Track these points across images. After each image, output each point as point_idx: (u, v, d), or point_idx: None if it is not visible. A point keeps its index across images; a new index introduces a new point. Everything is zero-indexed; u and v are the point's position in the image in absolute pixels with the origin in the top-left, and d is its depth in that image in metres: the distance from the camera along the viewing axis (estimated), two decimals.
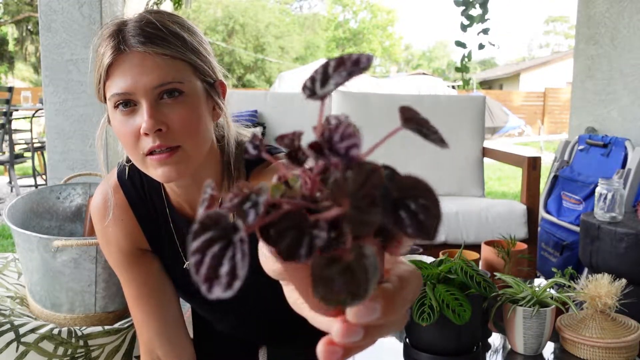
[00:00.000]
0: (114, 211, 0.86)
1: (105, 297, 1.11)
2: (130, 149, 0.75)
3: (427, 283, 1.00)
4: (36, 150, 4.85)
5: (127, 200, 0.87)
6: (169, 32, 0.74)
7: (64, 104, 2.40)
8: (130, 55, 0.72)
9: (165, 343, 0.90)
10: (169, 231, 0.88)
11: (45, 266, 1.07)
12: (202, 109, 0.76)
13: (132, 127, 0.73)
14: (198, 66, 0.76)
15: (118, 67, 0.72)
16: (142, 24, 0.73)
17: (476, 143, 2.59)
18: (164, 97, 0.73)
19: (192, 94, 0.75)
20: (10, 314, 1.06)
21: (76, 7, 2.37)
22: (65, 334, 1.03)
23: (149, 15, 0.74)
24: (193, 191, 0.83)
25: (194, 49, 0.76)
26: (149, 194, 0.87)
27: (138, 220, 0.88)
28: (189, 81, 0.74)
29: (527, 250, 1.39)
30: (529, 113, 15.45)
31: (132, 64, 0.71)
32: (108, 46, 0.73)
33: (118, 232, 0.87)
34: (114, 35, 0.73)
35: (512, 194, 5.56)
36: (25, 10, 15.02)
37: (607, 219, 1.75)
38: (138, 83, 0.71)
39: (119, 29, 0.74)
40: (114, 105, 0.74)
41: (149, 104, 0.71)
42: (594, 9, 2.71)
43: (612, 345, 1.02)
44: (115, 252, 0.88)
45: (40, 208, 1.25)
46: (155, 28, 0.73)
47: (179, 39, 0.74)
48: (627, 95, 2.48)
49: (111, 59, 0.72)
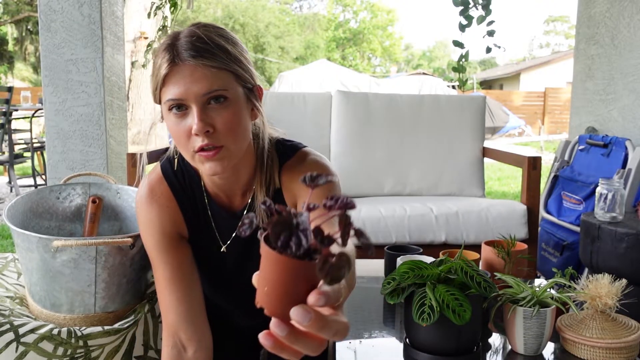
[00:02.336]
0: (160, 200, 0.98)
1: (105, 298, 1.11)
2: (182, 146, 0.87)
3: (428, 283, 1.00)
4: (36, 150, 4.85)
5: (171, 190, 0.99)
6: (215, 45, 0.85)
7: (63, 104, 2.40)
8: (182, 67, 0.84)
9: (189, 327, 0.97)
10: (207, 218, 1.00)
11: (45, 266, 1.07)
12: (243, 112, 0.88)
13: (184, 128, 0.85)
14: (239, 74, 0.88)
15: (173, 77, 0.84)
16: (192, 40, 0.85)
17: (476, 143, 2.59)
18: (211, 103, 0.85)
19: (235, 99, 0.87)
20: (9, 314, 1.06)
21: (76, 6, 2.36)
22: (65, 334, 1.03)
23: (198, 31, 0.86)
24: (231, 182, 0.96)
25: (236, 60, 0.87)
26: (190, 186, 0.99)
27: (180, 208, 0.99)
28: (232, 88, 0.86)
29: (527, 251, 1.39)
30: (529, 113, 15.44)
31: (184, 74, 0.84)
32: (164, 59, 0.85)
33: (164, 218, 0.98)
34: (169, 49, 0.85)
35: (513, 194, 5.56)
36: (25, 10, 15.02)
37: (607, 219, 1.75)
38: (189, 91, 0.83)
39: (173, 43, 0.86)
40: (169, 108, 0.86)
41: (199, 109, 0.84)
42: (595, 8, 2.70)
43: (612, 345, 1.02)
44: (158, 236, 0.98)
45: (39, 208, 1.24)
46: (203, 42, 0.85)
47: (223, 52, 0.86)
48: (627, 95, 2.47)
49: (167, 70, 0.84)
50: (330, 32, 29.92)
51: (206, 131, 0.84)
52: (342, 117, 2.55)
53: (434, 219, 2.10)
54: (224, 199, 0.99)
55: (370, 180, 2.50)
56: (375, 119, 2.55)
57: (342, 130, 2.53)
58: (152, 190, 0.99)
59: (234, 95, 0.86)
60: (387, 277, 1.06)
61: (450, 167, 2.54)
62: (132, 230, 1.31)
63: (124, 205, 1.32)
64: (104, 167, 2.43)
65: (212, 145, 0.84)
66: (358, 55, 30.96)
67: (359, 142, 2.51)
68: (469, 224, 2.11)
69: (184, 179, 1.00)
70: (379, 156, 2.52)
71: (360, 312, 1.33)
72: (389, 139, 2.54)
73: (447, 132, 2.57)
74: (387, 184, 2.51)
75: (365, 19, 31.41)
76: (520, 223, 2.14)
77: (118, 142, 2.55)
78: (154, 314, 1.18)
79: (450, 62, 2.65)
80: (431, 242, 2.10)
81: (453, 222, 2.11)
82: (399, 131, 2.55)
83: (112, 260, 1.08)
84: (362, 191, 2.48)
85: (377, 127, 2.55)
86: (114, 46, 2.53)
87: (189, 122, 0.85)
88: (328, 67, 12.73)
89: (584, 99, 2.80)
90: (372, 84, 11.87)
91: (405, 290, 1.02)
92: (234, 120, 0.86)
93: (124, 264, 1.10)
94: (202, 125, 0.83)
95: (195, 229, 1.01)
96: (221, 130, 0.85)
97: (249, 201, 0.99)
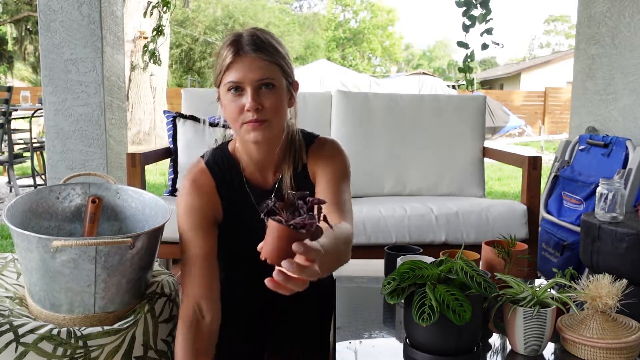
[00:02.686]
0: (202, 189, 1.18)
1: (104, 298, 1.10)
2: (234, 119, 1.11)
3: (428, 283, 1.00)
4: (35, 150, 4.84)
5: (213, 179, 1.20)
6: (270, 44, 1.10)
7: (63, 104, 2.40)
8: (244, 57, 1.08)
9: (210, 298, 1.15)
10: (245, 195, 1.20)
11: (45, 266, 1.06)
12: (284, 98, 1.12)
13: (239, 105, 1.09)
14: (285, 69, 1.12)
15: (235, 65, 1.08)
16: (253, 38, 1.09)
17: (476, 143, 2.59)
18: (262, 88, 1.09)
19: (280, 87, 1.11)
20: (9, 315, 1.06)
21: (75, 6, 2.36)
22: (65, 335, 1.03)
23: (257, 32, 1.11)
24: (266, 157, 1.19)
25: (283, 58, 1.12)
26: (229, 171, 1.21)
27: (219, 196, 1.19)
28: (278, 79, 1.10)
29: (527, 251, 1.38)
30: (530, 113, 15.44)
31: (244, 63, 1.08)
32: (229, 50, 1.09)
33: (204, 204, 1.17)
34: (234, 44, 1.09)
35: (513, 194, 5.56)
36: (24, 10, 15.02)
37: (607, 219, 1.75)
38: (247, 76, 1.07)
39: (237, 39, 1.10)
40: (228, 89, 1.10)
41: (253, 91, 1.08)
42: (595, 8, 2.70)
43: (613, 345, 1.02)
44: (198, 219, 1.16)
45: (39, 208, 1.24)
46: (261, 41, 1.09)
47: (275, 50, 1.10)
48: (627, 95, 2.47)
49: (231, 59, 1.08)
50: (330, 32, 29.91)
51: (256, 108, 1.07)
52: (342, 117, 2.55)
53: (434, 219, 2.10)
54: (258, 177, 1.21)
55: (370, 180, 2.50)
56: (375, 119, 2.55)
57: (342, 130, 2.53)
58: (195, 181, 1.19)
59: (279, 84, 1.10)
60: (387, 277, 1.06)
61: (451, 167, 2.54)
62: (132, 230, 1.31)
63: (124, 205, 1.32)
64: (104, 167, 2.43)
65: (259, 119, 1.08)
66: (358, 55, 30.96)
67: (359, 142, 2.51)
68: (469, 224, 2.11)
69: (224, 164, 1.21)
70: (379, 156, 2.52)
71: (360, 312, 1.33)
72: (389, 139, 2.54)
73: (447, 132, 2.57)
74: (387, 184, 2.51)
75: (365, 19, 31.40)
76: (521, 223, 2.13)
77: (118, 142, 2.55)
78: (154, 314, 1.17)
79: (451, 62, 2.65)
80: (431, 242, 2.09)
81: (453, 222, 2.10)
82: (399, 131, 2.55)
83: (112, 261, 1.08)
84: (362, 191, 2.48)
85: (377, 127, 2.55)
86: (113, 46, 2.53)
87: (243, 101, 1.08)
88: (328, 67, 12.74)
89: (584, 98, 2.79)
90: (372, 84, 11.87)
91: (405, 290, 1.02)
92: (278, 103, 1.10)
93: (123, 264, 1.10)
94: (254, 104, 1.07)
95: (232, 207, 1.20)
96: (267, 109, 1.09)
97: (279, 177, 1.21)
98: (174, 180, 2.33)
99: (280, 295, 0.90)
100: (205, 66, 21.42)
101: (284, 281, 0.71)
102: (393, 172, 2.52)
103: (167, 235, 1.33)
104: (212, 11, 22.97)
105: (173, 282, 1.30)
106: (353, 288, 1.53)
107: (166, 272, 1.34)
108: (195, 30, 21.39)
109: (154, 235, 1.15)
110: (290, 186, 1.19)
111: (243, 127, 1.10)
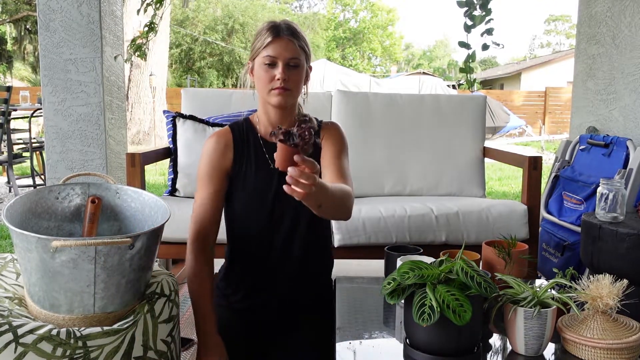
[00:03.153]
0: (221, 142, 1.44)
1: (104, 298, 1.10)
2: (264, 85, 1.36)
3: (428, 284, 1.00)
4: (35, 150, 4.85)
5: (232, 135, 1.45)
6: (299, 32, 1.38)
7: (62, 104, 2.40)
8: (281, 39, 1.34)
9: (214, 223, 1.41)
10: (260, 151, 1.45)
11: (44, 266, 1.06)
12: (303, 76, 1.40)
13: (271, 74, 1.35)
14: (307, 54, 1.40)
15: (273, 44, 1.34)
16: (289, 25, 1.37)
17: (477, 143, 2.58)
18: (290, 65, 1.35)
19: (302, 67, 1.38)
20: (8, 315, 1.06)
21: (75, 6, 2.36)
22: (64, 335, 1.02)
23: (290, 23, 1.38)
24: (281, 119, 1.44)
25: (307, 45, 1.40)
26: (246, 131, 1.47)
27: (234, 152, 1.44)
28: (302, 60, 1.37)
29: (527, 251, 1.38)
30: (530, 113, 15.44)
31: (281, 43, 1.34)
32: (269, 32, 1.35)
33: (219, 154, 1.42)
34: (273, 28, 1.35)
35: (513, 194, 5.56)
36: (23, 9, 15.01)
37: (608, 219, 1.75)
38: (282, 54, 1.34)
39: (276, 25, 1.36)
40: (264, 62, 1.35)
41: (284, 66, 1.34)
42: (595, 8, 2.70)
43: (613, 346, 1.02)
44: (211, 165, 1.42)
45: (38, 208, 1.24)
46: (294, 29, 1.37)
47: (303, 38, 1.38)
48: (628, 95, 2.47)
49: (271, 38, 1.34)
50: (330, 31, 29.92)
51: (284, 79, 1.34)
52: (342, 117, 2.54)
53: (434, 219, 2.09)
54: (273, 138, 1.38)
55: (370, 180, 2.50)
56: (375, 119, 2.55)
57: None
58: (219, 135, 1.44)
59: (302, 64, 1.37)
60: (387, 277, 1.06)
61: (451, 167, 2.54)
62: (132, 230, 1.31)
63: (124, 205, 1.32)
64: (103, 167, 2.42)
65: (284, 87, 1.35)
66: (358, 55, 30.97)
67: (359, 142, 2.51)
68: (469, 224, 2.11)
69: (243, 127, 1.48)
70: (379, 156, 2.51)
71: (360, 312, 1.33)
72: (389, 139, 2.54)
73: (447, 132, 2.57)
74: (387, 184, 2.51)
75: (365, 19, 31.41)
76: (521, 223, 2.13)
77: (117, 141, 2.54)
78: (154, 315, 1.17)
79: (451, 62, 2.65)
80: (431, 242, 2.09)
81: (453, 222, 2.10)
82: (399, 131, 2.55)
83: (112, 261, 1.08)
84: (362, 191, 2.47)
85: (377, 127, 2.54)
86: (113, 46, 2.52)
87: (275, 73, 1.34)
88: (328, 66, 12.74)
89: (584, 98, 2.79)
90: (372, 84, 11.87)
91: (406, 290, 1.02)
92: (299, 78, 1.38)
93: (123, 265, 1.10)
94: (283, 76, 1.34)
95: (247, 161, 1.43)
96: (291, 81, 1.36)
97: None
98: (174, 180, 2.33)
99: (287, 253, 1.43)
100: (205, 66, 21.42)
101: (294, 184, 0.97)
102: (393, 172, 2.51)
103: (167, 235, 1.33)
104: (212, 11, 22.96)
105: (173, 282, 1.30)
106: (353, 288, 1.53)
107: (166, 272, 1.33)
108: (195, 30, 21.39)
109: (153, 235, 1.14)
110: None
111: (271, 92, 1.36)
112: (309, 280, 1.47)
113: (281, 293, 1.44)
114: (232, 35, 21.91)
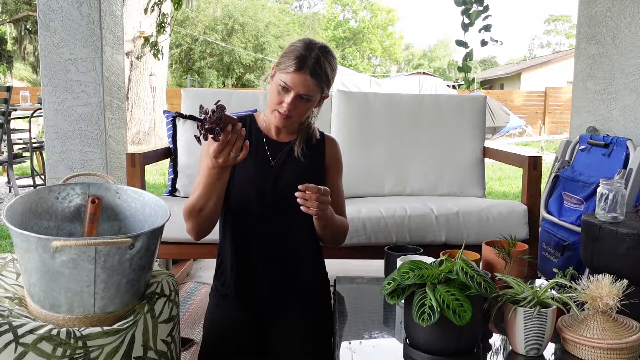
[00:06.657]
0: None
1: (104, 298, 1.10)
2: (271, 103, 1.41)
3: (428, 284, 1.00)
4: (35, 150, 4.84)
5: None
6: (324, 72, 1.38)
7: (62, 104, 2.40)
8: (302, 74, 1.35)
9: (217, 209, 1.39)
10: (262, 147, 1.50)
11: (44, 266, 1.06)
12: (311, 107, 1.45)
13: (280, 97, 1.39)
14: (324, 91, 1.43)
15: (293, 75, 1.36)
16: (316, 62, 1.37)
17: (477, 143, 2.58)
18: (301, 97, 1.38)
19: (312, 101, 1.41)
20: (8, 315, 1.06)
21: (75, 6, 2.36)
22: (64, 335, 1.02)
23: (322, 56, 1.38)
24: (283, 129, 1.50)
25: (328, 83, 1.42)
26: (250, 128, 1.51)
27: None
28: (315, 95, 1.40)
29: (527, 251, 1.38)
30: (530, 113, 15.44)
31: (300, 78, 1.36)
32: (295, 61, 1.35)
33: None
34: (301, 58, 1.36)
35: (513, 194, 5.56)
36: (23, 9, 15.01)
37: (608, 219, 1.75)
38: (296, 87, 1.36)
39: (305, 56, 1.36)
40: (279, 84, 1.37)
41: (293, 98, 1.37)
42: (595, 8, 2.70)
43: (613, 346, 1.02)
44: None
45: (38, 208, 1.24)
46: (320, 69, 1.37)
47: (327, 78, 1.40)
48: (628, 95, 2.47)
49: (293, 69, 1.35)
50: (330, 31, 29.91)
51: (289, 109, 1.38)
52: (342, 117, 2.54)
53: (434, 219, 2.09)
54: (273, 135, 1.52)
55: (370, 180, 2.50)
56: (375, 119, 2.55)
57: (342, 130, 2.53)
58: None
59: (313, 99, 1.41)
60: (387, 277, 1.06)
61: (451, 167, 2.54)
62: (132, 231, 1.31)
63: (124, 205, 1.32)
64: (103, 167, 2.42)
65: (287, 115, 1.39)
66: (358, 55, 30.96)
67: (359, 142, 2.51)
68: (469, 224, 2.11)
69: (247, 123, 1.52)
70: (379, 156, 2.51)
71: (360, 312, 1.33)
72: (389, 139, 2.54)
73: (447, 132, 2.57)
74: (387, 184, 2.51)
75: (365, 19, 31.40)
76: (521, 223, 2.13)
77: (117, 142, 2.54)
78: (153, 315, 1.17)
79: (451, 62, 2.65)
80: (431, 242, 2.09)
81: (453, 222, 2.10)
82: (399, 131, 2.55)
83: (112, 261, 1.08)
84: (362, 191, 2.47)
85: (377, 127, 2.54)
86: (113, 46, 2.52)
87: (284, 97, 1.38)
88: None
89: (584, 98, 2.79)
90: (372, 84, 11.86)
91: (406, 290, 1.02)
92: (305, 109, 1.42)
93: (123, 265, 1.10)
94: (289, 107, 1.38)
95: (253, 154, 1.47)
96: (296, 111, 1.40)
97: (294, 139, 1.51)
98: (174, 180, 2.33)
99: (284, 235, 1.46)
100: (205, 66, 21.41)
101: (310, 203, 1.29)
102: (393, 172, 2.51)
103: (167, 235, 1.33)
104: (212, 11, 22.96)
105: (173, 282, 1.30)
106: (353, 288, 1.53)
107: (166, 272, 1.33)
108: (195, 30, 21.38)
109: (153, 235, 1.15)
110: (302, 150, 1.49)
111: (274, 112, 1.41)
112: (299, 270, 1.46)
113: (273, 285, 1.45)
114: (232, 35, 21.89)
